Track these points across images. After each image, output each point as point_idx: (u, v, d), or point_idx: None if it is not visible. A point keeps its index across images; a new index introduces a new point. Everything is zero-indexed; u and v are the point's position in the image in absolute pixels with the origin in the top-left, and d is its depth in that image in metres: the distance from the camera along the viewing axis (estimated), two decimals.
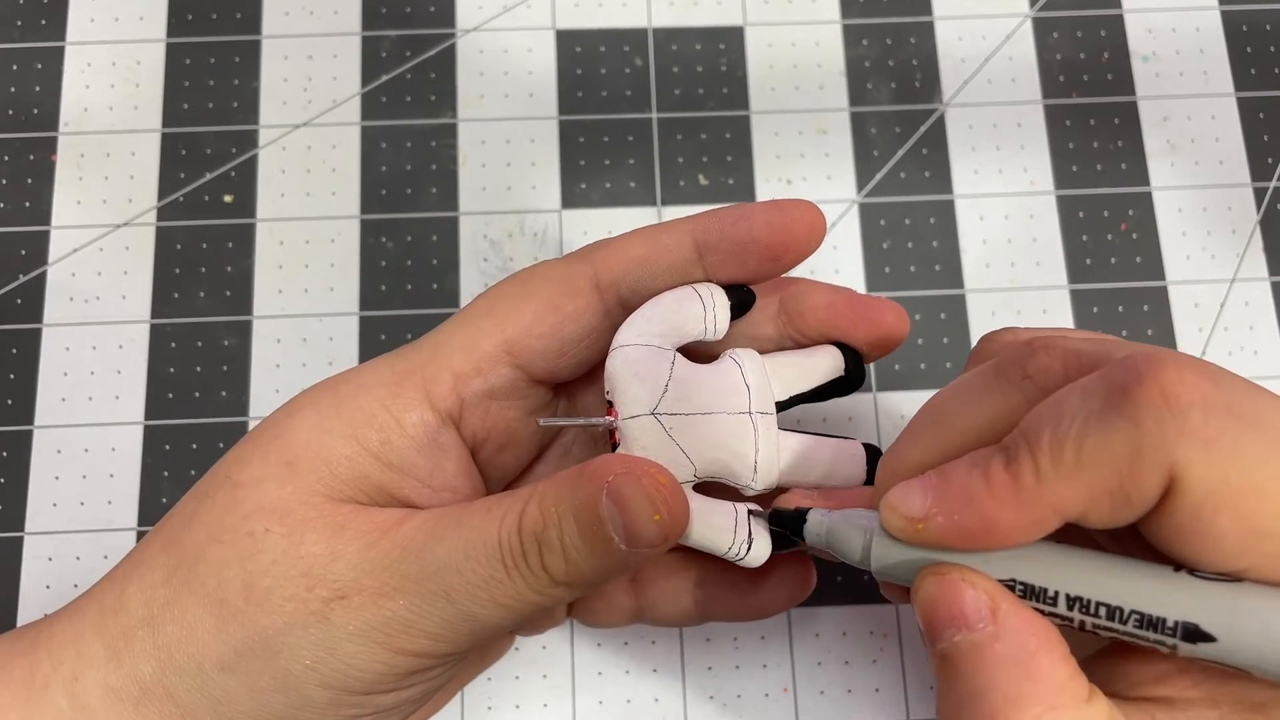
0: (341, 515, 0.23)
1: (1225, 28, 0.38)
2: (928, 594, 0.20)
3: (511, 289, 0.25)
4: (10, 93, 0.37)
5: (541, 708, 0.32)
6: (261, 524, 0.23)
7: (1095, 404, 0.19)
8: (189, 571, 0.23)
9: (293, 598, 0.22)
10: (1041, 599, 0.20)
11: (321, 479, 0.23)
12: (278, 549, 0.22)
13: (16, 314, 0.35)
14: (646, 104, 0.37)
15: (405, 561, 0.22)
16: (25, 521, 0.33)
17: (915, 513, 0.20)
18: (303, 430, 0.24)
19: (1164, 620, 0.18)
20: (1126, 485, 0.18)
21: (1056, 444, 0.19)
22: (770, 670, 0.32)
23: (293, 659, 0.22)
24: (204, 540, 0.23)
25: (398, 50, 0.37)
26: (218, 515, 0.23)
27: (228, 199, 0.36)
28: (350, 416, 0.24)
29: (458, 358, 0.24)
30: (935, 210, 0.36)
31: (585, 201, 0.36)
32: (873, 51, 0.38)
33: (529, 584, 0.22)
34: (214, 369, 0.34)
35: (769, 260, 0.25)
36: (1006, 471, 0.20)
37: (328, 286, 0.35)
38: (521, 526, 0.22)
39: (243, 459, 0.24)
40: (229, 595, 0.22)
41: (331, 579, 0.22)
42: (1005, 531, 0.20)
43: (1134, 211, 0.36)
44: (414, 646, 0.22)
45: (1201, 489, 0.18)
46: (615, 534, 0.21)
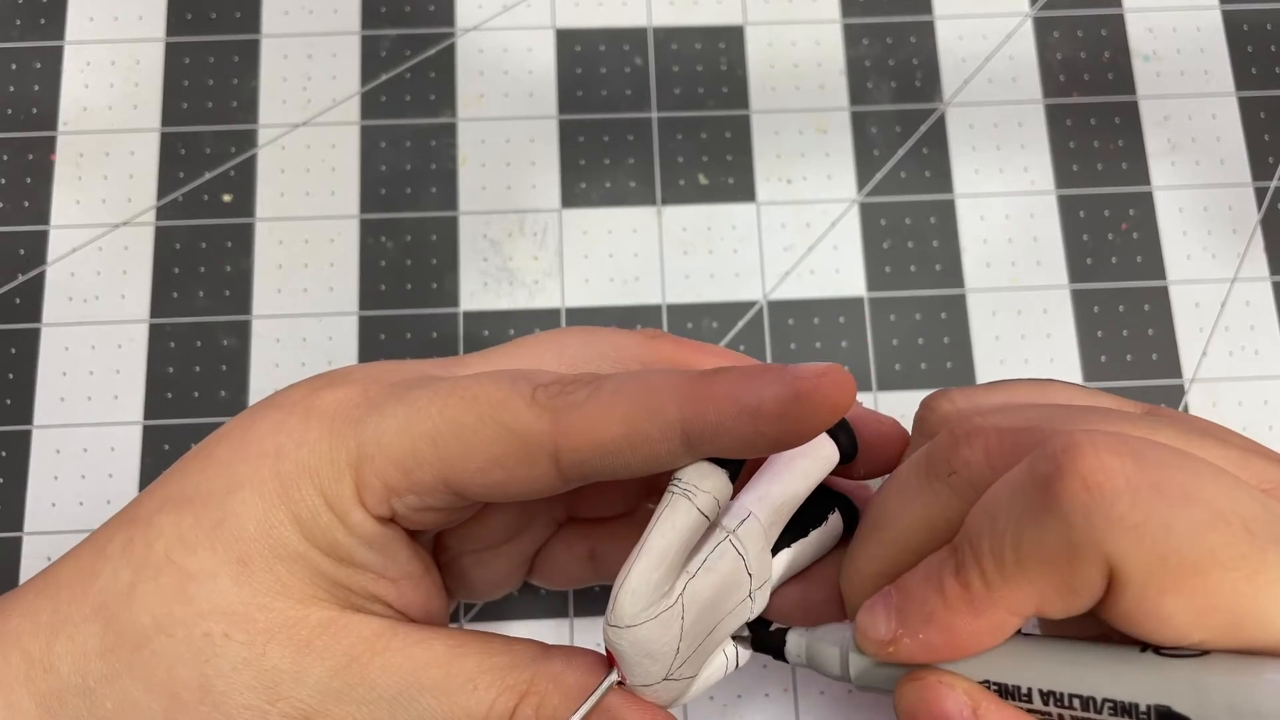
0: (306, 630, 0.21)
1: (1226, 27, 0.38)
2: (909, 702, 0.20)
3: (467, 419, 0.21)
4: (9, 92, 0.37)
5: None
6: (220, 627, 0.21)
7: (1023, 503, 0.19)
8: (131, 655, 0.21)
9: (251, 707, 0.21)
10: (1016, 696, 0.20)
11: (279, 579, 0.21)
12: (237, 657, 0.21)
13: (15, 314, 0.35)
14: (646, 103, 0.37)
15: (375, 705, 0.21)
16: (24, 521, 0.33)
17: (883, 636, 0.21)
18: (249, 520, 0.22)
19: (1136, 706, 0.18)
20: (1070, 581, 0.18)
21: (996, 549, 0.19)
22: (770, 670, 0.32)
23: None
24: (149, 628, 0.21)
25: (397, 49, 0.37)
26: (165, 604, 0.21)
27: (227, 198, 0.36)
28: (296, 511, 0.22)
29: (392, 474, 0.21)
30: (936, 210, 0.36)
31: (585, 201, 0.36)
32: (873, 51, 0.38)
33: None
34: (213, 369, 0.34)
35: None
36: (957, 581, 0.20)
37: (327, 286, 0.35)
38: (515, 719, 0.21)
39: (186, 540, 0.22)
40: (180, 690, 0.21)
41: (296, 700, 0.21)
42: (969, 640, 0.20)
43: (1135, 211, 0.36)
44: None
45: (1141, 576, 0.18)
46: None
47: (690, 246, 0.36)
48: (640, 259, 0.36)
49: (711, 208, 0.36)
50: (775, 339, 0.35)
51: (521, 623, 0.32)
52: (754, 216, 0.36)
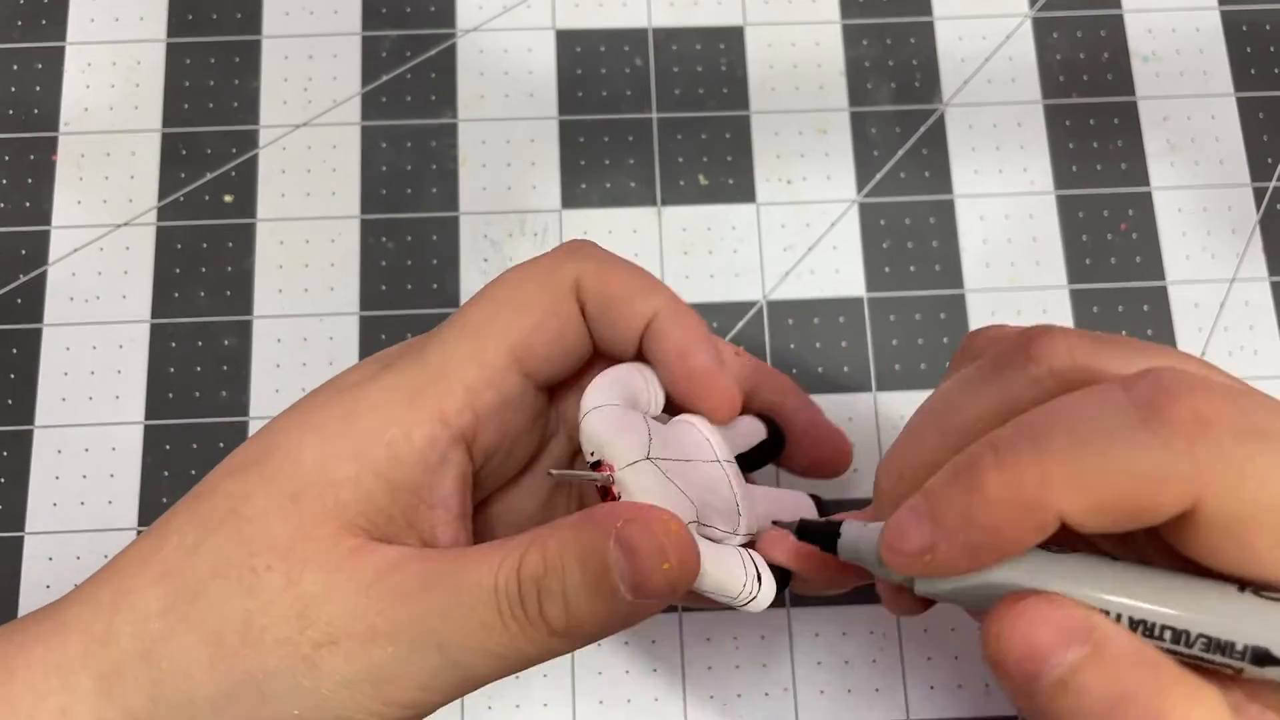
0: (339, 554, 0.22)
1: (1225, 28, 0.38)
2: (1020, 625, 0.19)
3: (506, 293, 0.25)
4: (10, 92, 0.37)
5: (541, 707, 0.32)
6: (264, 561, 0.22)
7: (1121, 416, 0.18)
8: (188, 606, 0.22)
9: (285, 640, 0.22)
10: None
11: (326, 508, 0.23)
12: (276, 587, 0.22)
13: (17, 314, 0.35)
14: (647, 104, 0.37)
15: (398, 606, 0.22)
16: (25, 521, 0.33)
17: (915, 548, 0.19)
18: (308, 458, 0.23)
19: (1233, 644, 0.18)
20: (1145, 503, 0.18)
21: (1073, 450, 0.18)
22: (770, 670, 0.32)
23: (281, 707, 0.22)
24: (207, 574, 0.22)
25: (398, 50, 0.37)
26: (223, 549, 0.23)
27: (228, 199, 0.36)
28: (358, 436, 0.23)
29: (470, 371, 0.24)
30: (935, 210, 0.36)
31: (585, 201, 0.36)
32: (873, 51, 0.38)
33: (524, 634, 0.21)
34: (214, 369, 0.34)
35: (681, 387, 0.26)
36: (1003, 476, 0.19)
37: (328, 286, 0.35)
38: (521, 572, 0.21)
39: (247, 491, 0.23)
40: (226, 634, 0.22)
41: (324, 622, 0.22)
42: (1012, 540, 0.19)
43: (1134, 211, 0.37)
44: (403, 698, 0.22)
45: (1232, 510, 0.18)
46: (621, 582, 0.20)
47: (690, 247, 0.36)
48: (640, 259, 0.36)
49: (711, 208, 0.36)
50: (775, 339, 0.35)
51: None
52: (754, 217, 0.36)
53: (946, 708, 0.32)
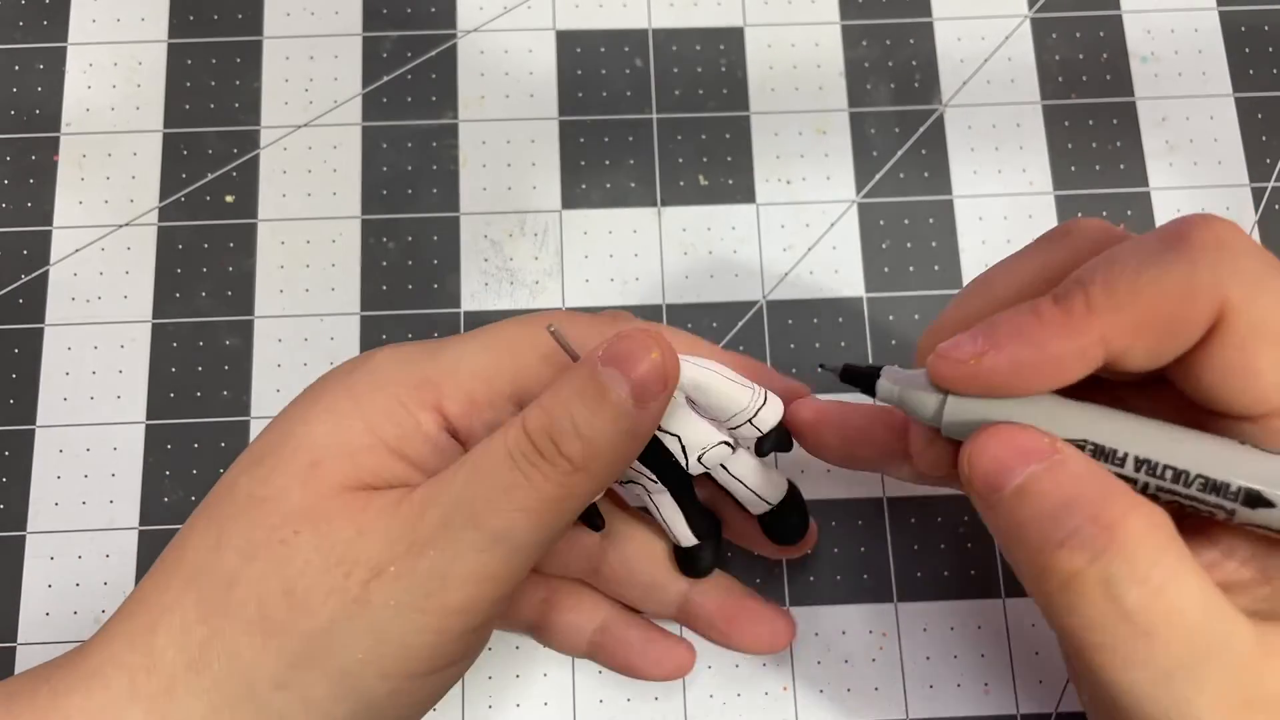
0: (363, 497, 0.23)
1: (1224, 28, 0.38)
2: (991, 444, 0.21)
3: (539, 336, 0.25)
4: (12, 93, 0.37)
5: (542, 706, 0.32)
6: (290, 529, 0.22)
7: (1151, 247, 0.20)
8: (225, 600, 0.22)
9: (332, 590, 0.22)
10: (1110, 459, 0.20)
11: (344, 472, 0.23)
12: (309, 547, 0.22)
13: (18, 314, 0.35)
14: (647, 104, 0.37)
15: (427, 511, 0.22)
16: (27, 521, 0.33)
17: (967, 353, 0.21)
18: (322, 430, 0.24)
19: (1228, 485, 0.19)
20: (1177, 315, 0.19)
21: (1110, 278, 0.20)
22: (770, 670, 0.32)
23: (345, 656, 0.22)
24: (235, 562, 0.23)
25: (399, 51, 0.38)
26: (245, 534, 0.23)
27: (229, 199, 0.36)
28: (368, 412, 0.24)
29: (477, 386, 0.25)
30: (934, 210, 0.36)
31: (585, 202, 0.36)
32: (872, 52, 0.38)
33: (548, 479, 0.22)
34: (216, 369, 0.34)
35: None
36: (1057, 306, 0.20)
37: (329, 286, 0.35)
38: (527, 429, 0.22)
39: (263, 475, 0.23)
40: (271, 609, 0.22)
41: (365, 558, 0.22)
42: (1056, 363, 0.20)
43: (1132, 211, 0.37)
44: (457, 599, 0.22)
45: (1247, 323, 0.19)
46: (621, 392, 0.22)
47: (690, 247, 0.36)
48: (640, 259, 0.36)
49: (711, 208, 0.36)
50: (774, 339, 0.35)
51: None
52: (753, 217, 0.36)
53: (946, 707, 0.32)
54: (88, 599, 0.33)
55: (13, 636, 0.32)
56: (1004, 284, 0.23)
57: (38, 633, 0.32)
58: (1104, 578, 0.19)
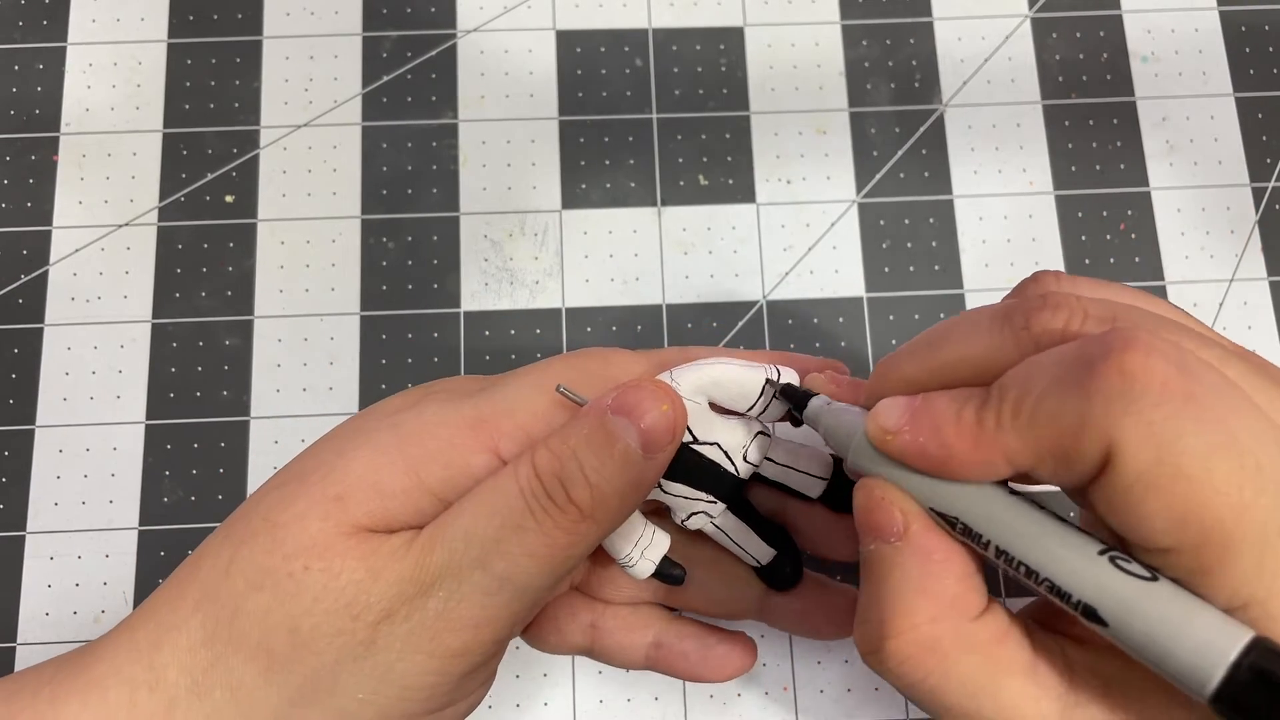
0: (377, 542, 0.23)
1: (1224, 28, 0.38)
2: (859, 502, 0.23)
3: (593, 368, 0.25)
4: (12, 93, 0.37)
5: (542, 706, 0.32)
6: (301, 563, 0.22)
7: (1060, 372, 0.20)
8: (230, 628, 0.22)
9: (340, 631, 0.22)
10: (976, 541, 0.22)
11: (370, 512, 0.23)
12: (319, 585, 0.22)
13: (18, 314, 0.35)
14: (647, 104, 0.37)
15: (434, 551, 0.22)
16: (27, 521, 0.33)
17: (891, 425, 0.22)
18: (358, 466, 0.23)
19: (1069, 595, 0.20)
20: (1069, 450, 0.19)
21: (1019, 400, 0.20)
22: (770, 669, 0.32)
23: (346, 696, 0.22)
24: (243, 589, 0.22)
25: (399, 51, 0.38)
26: (256, 561, 0.23)
27: (229, 199, 0.36)
28: (414, 453, 0.23)
29: (535, 423, 0.24)
30: (934, 210, 0.36)
31: (585, 201, 0.36)
32: (872, 52, 0.38)
33: (557, 525, 0.22)
34: (215, 369, 0.34)
35: None
36: (975, 414, 0.21)
37: (329, 286, 0.35)
38: (537, 470, 0.22)
39: (284, 499, 0.23)
40: (275, 644, 0.22)
41: (374, 602, 0.22)
42: (958, 465, 0.21)
43: (1133, 211, 0.37)
44: (459, 642, 0.22)
45: (1135, 468, 0.19)
46: (630, 442, 0.22)
47: (690, 247, 0.36)
48: (640, 259, 0.36)
49: (711, 208, 0.36)
50: (775, 339, 0.35)
51: None
52: (754, 217, 0.36)
53: None
54: (87, 599, 0.33)
55: (13, 636, 0.32)
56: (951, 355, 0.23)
57: (37, 633, 0.32)
58: (880, 669, 0.22)
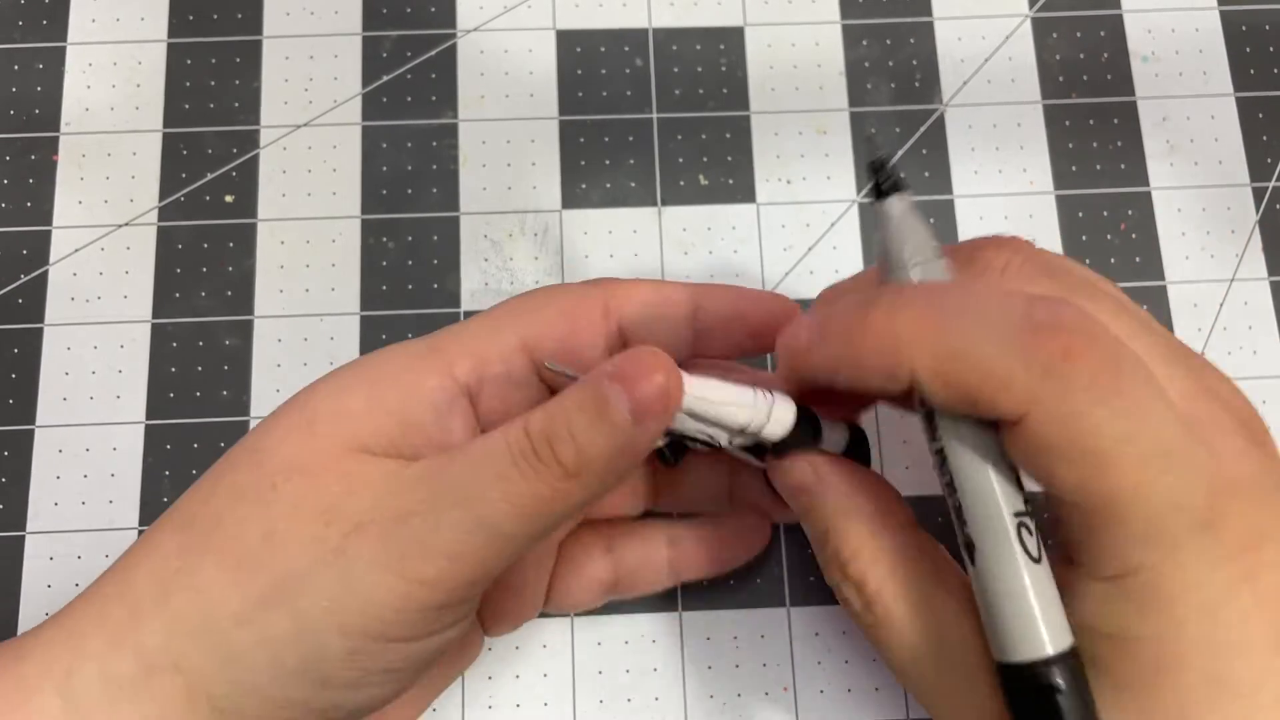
0: (358, 460, 0.24)
1: (1224, 28, 0.38)
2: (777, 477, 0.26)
3: (536, 296, 0.27)
4: (11, 93, 0.37)
5: (542, 706, 0.32)
6: (283, 476, 0.23)
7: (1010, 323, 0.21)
8: (207, 538, 0.23)
9: (315, 538, 0.22)
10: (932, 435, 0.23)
11: (339, 432, 0.24)
12: (298, 494, 0.23)
13: (18, 314, 0.35)
14: (647, 104, 0.37)
15: (419, 485, 0.23)
16: (27, 521, 0.33)
17: (800, 344, 0.24)
18: (321, 397, 0.25)
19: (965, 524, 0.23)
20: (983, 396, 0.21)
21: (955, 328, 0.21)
22: (770, 669, 0.32)
23: (312, 601, 0.22)
24: (224, 505, 0.23)
25: (398, 50, 0.38)
26: (239, 480, 0.24)
27: (229, 199, 0.36)
28: (370, 377, 0.25)
29: (480, 344, 0.26)
30: (935, 210, 0.36)
31: (585, 201, 0.36)
32: (872, 52, 0.38)
33: (540, 478, 0.22)
34: (215, 369, 0.34)
35: (751, 337, 0.27)
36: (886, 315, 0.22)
37: (329, 286, 0.35)
38: (529, 428, 0.23)
39: (262, 431, 0.24)
40: (248, 548, 0.23)
41: (349, 513, 0.23)
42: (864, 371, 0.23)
43: (1133, 211, 0.37)
44: (431, 571, 0.22)
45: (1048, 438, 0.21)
46: (621, 409, 0.22)
47: (690, 247, 0.36)
48: (640, 259, 0.36)
49: (711, 208, 0.36)
50: None
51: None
52: (754, 217, 0.36)
53: None
54: None
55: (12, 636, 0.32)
56: None
57: None
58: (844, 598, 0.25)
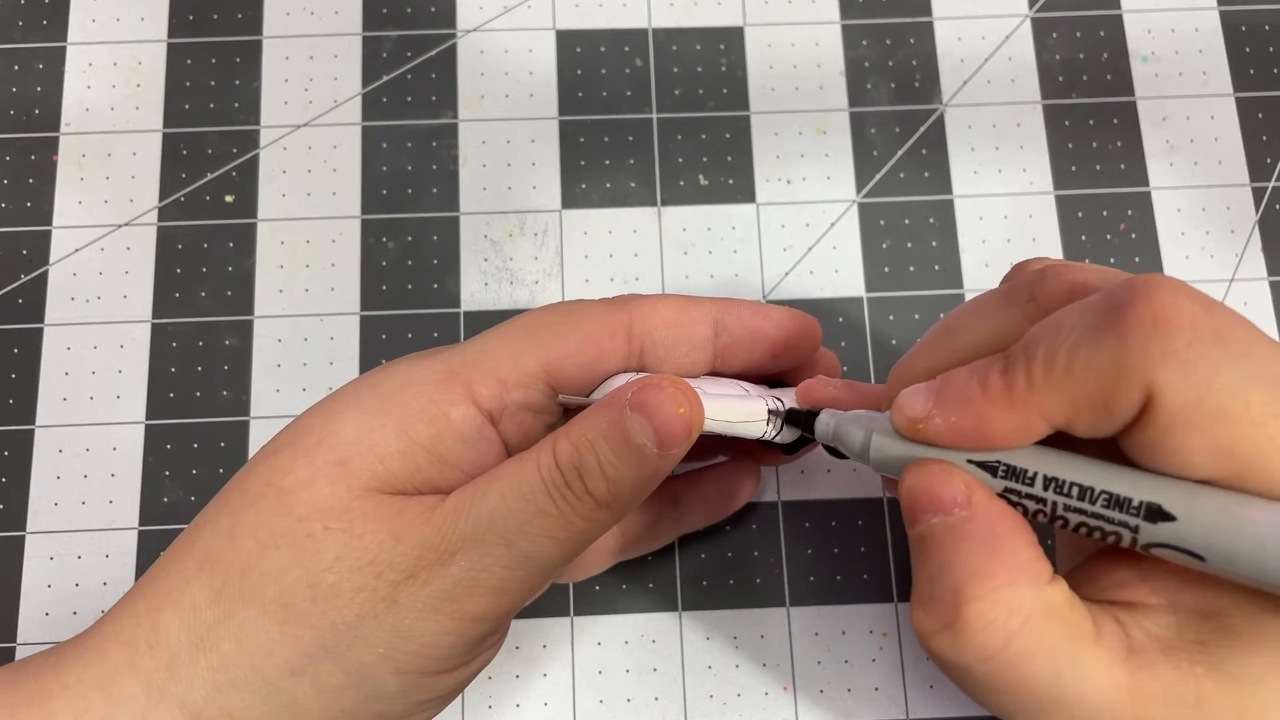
0: (397, 504, 0.23)
1: (1224, 28, 0.38)
2: (913, 482, 0.22)
3: (556, 317, 0.26)
4: (12, 93, 0.37)
5: (542, 706, 0.32)
6: (320, 524, 0.23)
7: (1090, 320, 0.20)
8: (239, 585, 0.22)
9: (362, 588, 0.22)
10: (1021, 479, 0.21)
11: (375, 475, 0.23)
12: (340, 544, 0.23)
13: (18, 313, 0.35)
14: (647, 104, 0.37)
15: (459, 524, 0.23)
16: (27, 521, 0.33)
17: (918, 413, 0.22)
18: (350, 430, 0.24)
19: (1130, 500, 0.20)
20: (1108, 397, 0.20)
21: (1050, 354, 0.20)
22: (770, 669, 0.32)
23: (367, 650, 0.22)
24: (254, 550, 0.23)
25: (398, 50, 0.38)
26: (266, 523, 0.23)
27: (229, 199, 0.36)
28: (398, 413, 0.24)
29: (503, 367, 0.25)
30: (934, 210, 0.36)
31: (585, 201, 0.36)
32: (872, 52, 0.38)
33: (576, 511, 0.23)
34: (215, 369, 0.34)
35: (771, 355, 0.28)
36: (1002, 378, 0.21)
37: (329, 286, 0.35)
38: (557, 460, 0.23)
39: (283, 465, 0.24)
40: (293, 599, 0.22)
41: (397, 562, 0.23)
42: (996, 433, 0.21)
43: (1133, 211, 0.37)
44: (480, 608, 0.23)
45: (1175, 409, 0.19)
46: (645, 440, 0.23)
47: (690, 247, 0.36)
48: (640, 259, 0.36)
49: (711, 208, 0.36)
50: None
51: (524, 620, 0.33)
52: (754, 217, 0.36)
53: (946, 707, 0.32)
54: (87, 599, 0.33)
55: (12, 636, 0.32)
56: (965, 340, 0.24)
57: (37, 633, 0.32)
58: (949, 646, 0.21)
